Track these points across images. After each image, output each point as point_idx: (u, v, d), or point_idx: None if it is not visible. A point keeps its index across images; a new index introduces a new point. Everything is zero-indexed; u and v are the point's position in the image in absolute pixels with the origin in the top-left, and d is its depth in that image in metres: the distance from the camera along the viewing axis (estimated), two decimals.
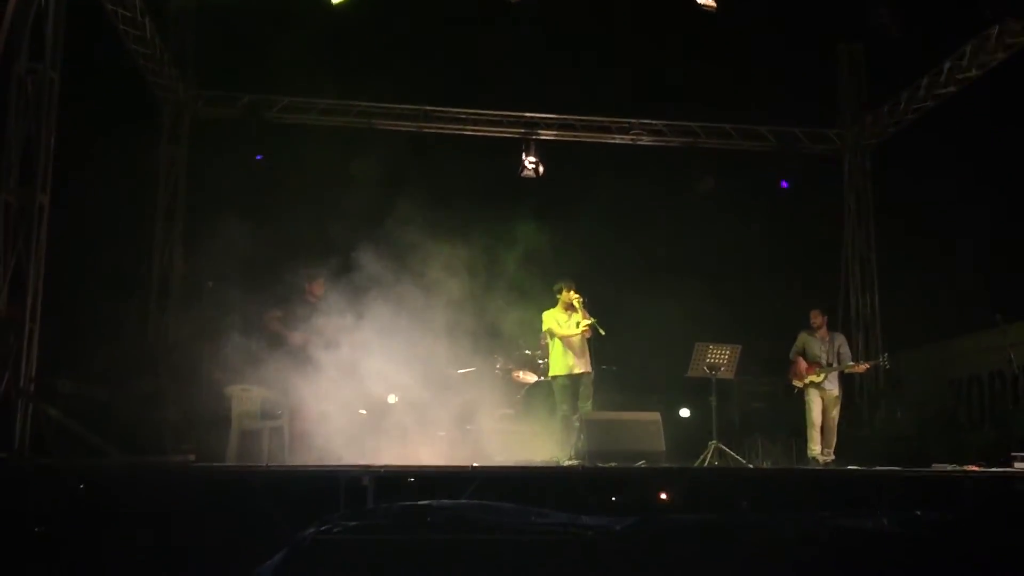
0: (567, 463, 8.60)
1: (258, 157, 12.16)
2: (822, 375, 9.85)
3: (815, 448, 9.78)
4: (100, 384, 9.34)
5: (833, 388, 9.92)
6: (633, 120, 13.05)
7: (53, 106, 7.92)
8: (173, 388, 9.58)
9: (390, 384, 9.39)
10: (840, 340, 10.14)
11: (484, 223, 10.12)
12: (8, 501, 5.36)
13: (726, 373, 9.86)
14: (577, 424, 8.92)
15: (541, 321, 9.60)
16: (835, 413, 9.91)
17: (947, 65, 11.51)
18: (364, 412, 9.24)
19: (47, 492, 5.52)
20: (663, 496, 6.35)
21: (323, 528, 3.70)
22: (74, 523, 5.27)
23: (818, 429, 9.83)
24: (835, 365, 9.91)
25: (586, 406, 9.19)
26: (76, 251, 9.04)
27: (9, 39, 7.55)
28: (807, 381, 9.92)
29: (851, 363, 10.07)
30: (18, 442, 7.14)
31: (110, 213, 10.03)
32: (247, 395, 8.73)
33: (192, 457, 8.09)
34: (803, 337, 10.12)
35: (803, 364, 9.98)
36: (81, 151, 8.69)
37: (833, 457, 9.73)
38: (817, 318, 10.13)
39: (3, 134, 7.59)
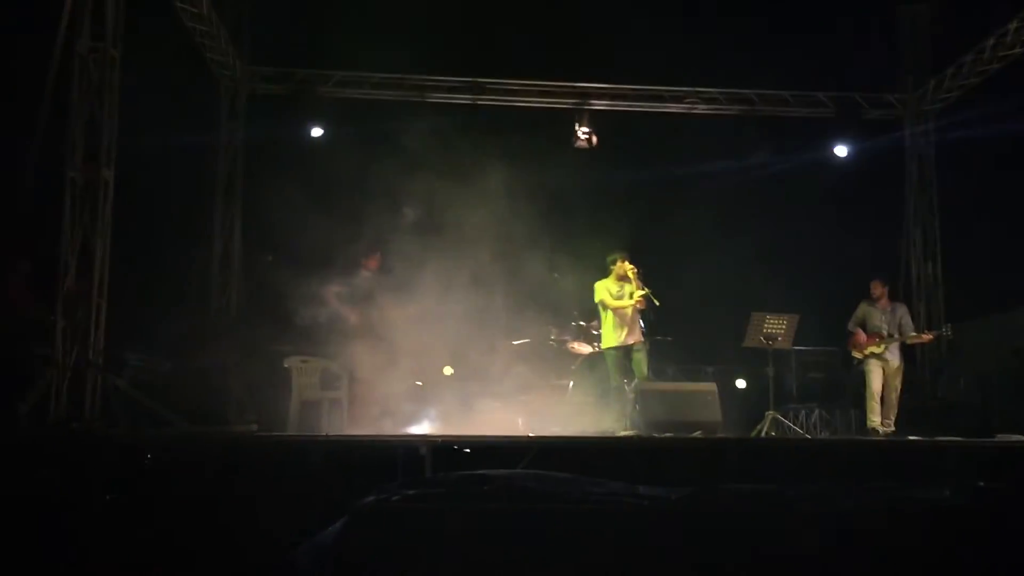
0: (623, 434, 8.60)
1: (315, 132, 12.26)
2: (883, 346, 9.69)
3: (875, 419, 9.64)
4: (165, 357, 9.58)
5: (894, 359, 9.76)
6: (687, 88, 12.88)
7: (115, 84, 8.08)
8: (235, 360, 9.78)
9: (446, 356, 9.50)
10: (902, 310, 9.94)
11: (538, 194, 10.10)
12: (80, 469, 5.54)
13: (783, 343, 9.76)
14: (632, 395, 8.91)
15: (593, 292, 9.57)
16: (896, 384, 9.74)
17: (1014, 25, 11.15)
18: (420, 383, 9.36)
19: (116, 461, 5.69)
20: (720, 467, 6.33)
21: (382, 496, 3.75)
22: (141, 491, 5.43)
23: (878, 400, 9.68)
24: (896, 336, 9.74)
25: (641, 376, 9.15)
26: (140, 226, 9.23)
27: (71, 19, 7.73)
28: (867, 352, 9.76)
29: (913, 333, 9.89)
30: (88, 412, 7.39)
31: (172, 188, 10.21)
32: (307, 366, 8.92)
33: (255, 427, 8.28)
34: (863, 307, 9.95)
35: (862, 335, 9.82)
36: (143, 128, 8.85)
37: (893, 429, 9.57)
38: (878, 288, 9.95)
39: (67, 112, 7.78)
